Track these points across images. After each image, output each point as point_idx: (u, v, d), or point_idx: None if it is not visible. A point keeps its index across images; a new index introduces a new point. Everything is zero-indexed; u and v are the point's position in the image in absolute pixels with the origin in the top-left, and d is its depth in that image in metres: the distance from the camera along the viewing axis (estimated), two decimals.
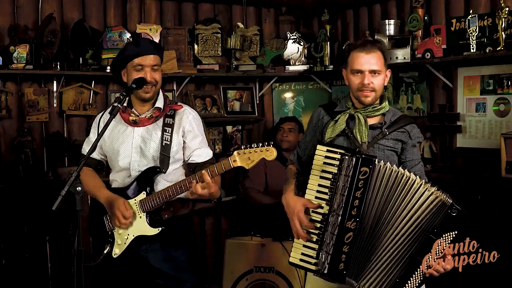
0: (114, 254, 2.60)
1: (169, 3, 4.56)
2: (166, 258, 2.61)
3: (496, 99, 3.57)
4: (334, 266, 2.19)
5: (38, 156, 4.02)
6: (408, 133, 2.42)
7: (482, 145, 3.63)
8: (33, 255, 3.98)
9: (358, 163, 2.19)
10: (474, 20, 3.43)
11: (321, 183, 2.30)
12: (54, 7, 4.07)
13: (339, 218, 2.20)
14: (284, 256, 3.67)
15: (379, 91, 2.41)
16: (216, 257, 4.58)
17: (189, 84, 4.56)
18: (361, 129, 2.37)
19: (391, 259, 2.18)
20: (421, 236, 2.15)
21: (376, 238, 2.20)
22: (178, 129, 2.62)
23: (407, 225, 2.17)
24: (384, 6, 4.31)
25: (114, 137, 2.67)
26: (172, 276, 2.62)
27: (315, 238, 2.28)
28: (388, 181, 2.20)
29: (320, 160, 2.32)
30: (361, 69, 2.38)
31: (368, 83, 2.36)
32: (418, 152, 2.46)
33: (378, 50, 2.39)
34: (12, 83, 3.96)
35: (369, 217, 2.21)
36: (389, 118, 2.44)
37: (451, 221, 2.12)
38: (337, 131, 2.41)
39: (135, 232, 2.57)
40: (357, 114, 2.40)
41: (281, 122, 4.34)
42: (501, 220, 3.33)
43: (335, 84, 4.76)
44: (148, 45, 2.60)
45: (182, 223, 2.67)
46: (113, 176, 2.72)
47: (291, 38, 4.65)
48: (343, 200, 2.21)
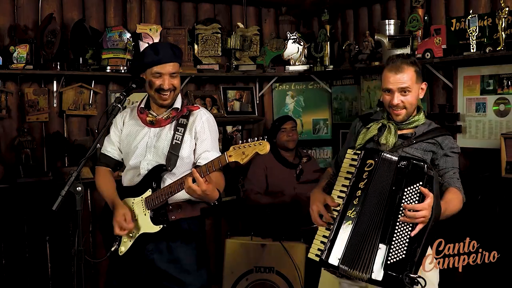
0: (120, 252, 2.62)
1: (169, 3, 4.56)
2: (172, 260, 2.61)
3: (496, 99, 3.57)
4: (330, 253, 2.25)
5: (38, 156, 4.01)
6: (440, 144, 2.43)
7: (482, 145, 3.63)
8: (33, 255, 3.98)
9: (366, 156, 2.32)
10: (474, 20, 3.43)
11: (343, 183, 2.38)
12: (54, 7, 4.07)
13: (342, 206, 2.31)
14: (284, 256, 3.67)
15: (411, 108, 2.45)
16: (216, 257, 4.58)
17: (189, 84, 4.56)
18: (388, 137, 2.43)
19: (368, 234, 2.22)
20: (386, 199, 2.22)
21: (374, 227, 2.22)
22: (191, 130, 2.64)
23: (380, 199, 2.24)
24: (384, 6, 4.31)
25: (131, 137, 2.71)
26: (178, 279, 2.61)
27: (328, 233, 2.33)
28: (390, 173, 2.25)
29: (347, 162, 2.41)
30: (390, 88, 2.43)
31: (397, 103, 2.41)
32: (452, 161, 2.44)
33: (408, 66, 2.42)
34: (12, 83, 3.95)
35: (373, 207, 2.24)
36: (422, 130, 2.47)
37: (406, 174, 2.18)
38: (367, 137, 2.48)
39: (140, 229, 2.59)
40: (389, 124, 2.46)
41: (280, 123, 4.29)
42: (501, 220, 3.33)
43: (335, 84, 4.76)
44: (168, 52, 2.59)
45: (190, 225, 2.66)
46: (125, 175, 2.75)
47: (291, 38, 4.65)
48: (348, 190, 2.32)
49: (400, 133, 2.47)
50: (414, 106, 2.46)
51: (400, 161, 2.25)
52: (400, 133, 2.47)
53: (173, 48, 2.65)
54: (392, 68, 2.42)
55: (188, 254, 2.63)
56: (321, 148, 4.91)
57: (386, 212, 2.20)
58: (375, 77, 4.35)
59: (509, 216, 3.30)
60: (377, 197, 2.25)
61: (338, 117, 4.77)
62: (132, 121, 2.73)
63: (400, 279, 2.09)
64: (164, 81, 2.57)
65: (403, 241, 2.13)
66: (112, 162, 2.81)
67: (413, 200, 2.15)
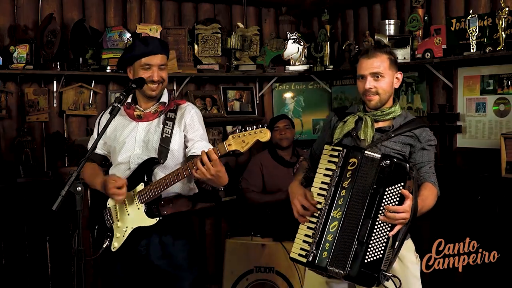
0: (113, 248, 2.61)
1: (169, 3, 4.56)
2: (164, 255, 2.61)
3: (496, 99, 3.56)
4: (317, 254, 2.25)
5: (38, 156, 4.01)
6: (417, 137, 2.41)
7: (482, 145, 3.63)
8: (33, 255, 3.98)
9: (348, 154, 2.29)
10: (474, 20, 3.43)
11: (323, 181, 2.36)
12: (54, 7, 4.07)
13: (327, 207, 2.28)
14: (284, 256, 3.67)
15: (384, 94, 2.42)
16: (216, 257, 4.58)
17: (189, 84, 4.56)
18: (366, 131, 2.40)
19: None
20: (367, 198, 2.21)
21: (361, 226, 2.22)
22: (180, 123, 2.65)
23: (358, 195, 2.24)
24: (384, 6, 4.31)
25: (118, 132, 2.70)
26: (171, 273, 2.62)
27: (311, 232, 2.31)
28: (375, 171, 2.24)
29: (325, 159, 2.38)
30: (363, 74, 2.42)
31: (369, 87, 2.39)
32: (428, 154, 2.43)
33: (381, 54, 2.41)
34: (12, 83, 3.96)
35: (356, 206, 2.24)
36: (398, 122, 2.45)
37: (388, 174, 2.18)
38: (344, 131, 2.44)
39: (134, 223, 2.58)
40: (366, 116, 2.43)
41: (274, 122, 4.28)
42: (501, 220, 3.33)
43: (335, 84, 4.76)
44: (157, 44, 2.64)
45: (182, 220, 2.66)
46: (113, 170, 2.74)
47: (291, 38, 4.65)
48: (331, 190, 2.29)
49: (377, 127, 2.44)
50: (388, 94, 2.43)
51: (383, 160, 2.24)
52: (377, 126, 2.44)
53: (160, 41, 2.72)
54: (365, 54, 2.43)
55: (181, 249, 2.63)
56: None
57: (365, 211, 2.20)
58: None
59: (509, 216, 3.30)
60: (360, 196, 2.25)
61: None
62: (117, 116, 2.64)
63: (375, 277, 2.13)
64: (153, 73, 2.59)
65: (381, 241, 2.15)
66: (98, 158, 2.82)
67: (394, 201, 2.16)
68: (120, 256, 2.62)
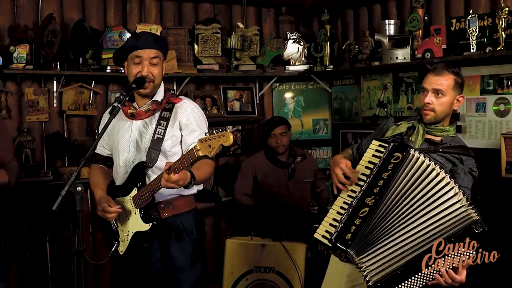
0: (120, 251, 2.63)
1: (169, 3, 4.56)
2: (165, 258, 2.61)
3: (496, 99, 3.56)
4: (341, 235, 2.25)
5: (38, 156, 4.02)
6: (461, 160, 2.44)
7: (482, 145, 3.63)
8: (33, 255, 3.98)
9: (393, 148, 2.33)
10: (474, 20, 3.42)
11: (364, 172, 2.38)
12: (54, 7, 4.07)
13: (361, 193, 2.30)
14: (284, 256, 3.67)
15: (440, 112, 2.46)
16: (216, 257, 4.58)
17: (189, 84, 4.56)
18: (416, 138, 2.45)
19: (400, 249, 2.18)
20: (436, 239, 2.15)
21: (390, 222, 2.22)
22: (173, 123, 2.59)
23: (425, 223, 2.18)
24: (384, 6, 4.31)
25: (114, 131, 2.68)
26: (173, 276, 2.61)
27: (339, 217, 2.32)
28: (417, 172, 2.24)
29: (370, 152, 2.43)
30: (426, 88, 2.48)
31: (428, 102, 2.44)
32: (467, 181, 2.44)
33: (448, 73, 2.46)
34: (12, 83, 3.96)
35: (389, 200, 2.25)
36: (448, 141, 2.49)
37: (471, 237, 2.12)
38: (395, 133, 2.52)
39: (133, 228, 2.58)
40: (419, 125, 2.49)
41: (270, 128, 4.18)
42: (501, 220, 3.33)
43: (335, 84, 4.76)
44: (149, 39, 2.57)
45: (183, 221, 2.64)
46: (114, 173, 2.73)
47: (291, 38, 4.65)
48: (370, 177, 2.31)
49: (428, 138, 2.48)
50: (444, 113, 2.47)
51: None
52: (428, 137, 2.49)
53: (155, 36, 2.63)
54: (433, 70, 2.49)
55: (182, 251, 2.62)
56: (321, 148, 4.91)
57: (401, 213, 2.22)
58: (375, 77, 4.35)
59: (509, 216, 3.30)
60: (398, 194, 2.24)
61: (338, 117, 4.77)
62: (118, 115, 2.61)
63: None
64: (143, 67, 2.53)
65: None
66: (101, 159, 2.81)
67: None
68: (127, 259, 2.63)
